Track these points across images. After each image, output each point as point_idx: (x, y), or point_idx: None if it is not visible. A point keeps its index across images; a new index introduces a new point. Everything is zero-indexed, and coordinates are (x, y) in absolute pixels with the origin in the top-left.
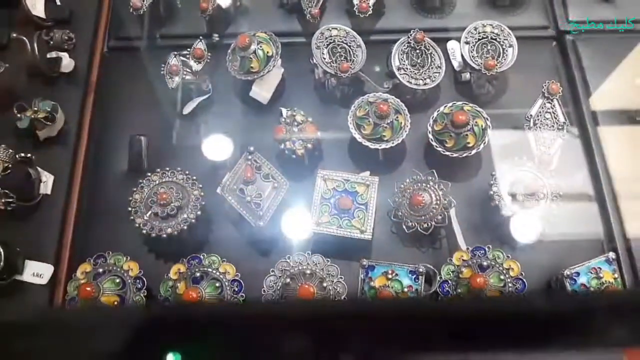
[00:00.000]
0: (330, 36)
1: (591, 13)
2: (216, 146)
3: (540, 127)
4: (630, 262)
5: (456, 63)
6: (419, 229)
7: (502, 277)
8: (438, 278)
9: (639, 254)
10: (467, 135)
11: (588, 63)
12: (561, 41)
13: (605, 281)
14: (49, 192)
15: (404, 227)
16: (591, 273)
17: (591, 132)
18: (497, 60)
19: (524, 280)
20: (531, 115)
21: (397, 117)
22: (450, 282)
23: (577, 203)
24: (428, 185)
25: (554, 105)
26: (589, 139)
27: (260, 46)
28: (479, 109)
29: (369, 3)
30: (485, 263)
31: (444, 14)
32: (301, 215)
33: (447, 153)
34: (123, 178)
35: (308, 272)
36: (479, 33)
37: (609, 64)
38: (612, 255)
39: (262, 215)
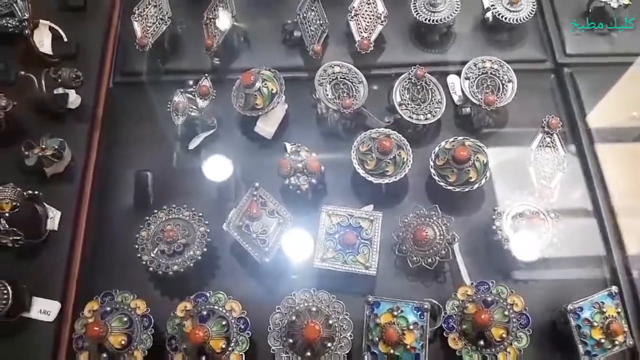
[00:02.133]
0: (333, 73)
1: (588, 46)
2: (217, 167)
3: (540, 161)
4: (632, 295)
5: (456, 97)
6: (423, 263)
7: (506, 312)
8: (443, 313)
9: None
10: (469, 170)
11: (586, 95)
12: (559, 74)
13: (609, 315)
14: (55, 228)
15: (408, 261)
16: (594, 308)
17: (590, 164)
18: (496, 95)
19: (528, 315)
20: (532, 149)
21: (399, 152)
22: (455, 317)
23: (578, 236)
24: (432, 220)
25: (553, 140)
26: (589, 172)
27: (265, 84)
28: (480, 144)
29: (370, 40)
30: (489, 298)
31: (443, 49)
32: (306, 250)
33: (450, 188)
34: (129, 214)
35: (314, 309)
36: (479, 69)
37: (606, 96)
38: (614, 289)
39: (267, 251)
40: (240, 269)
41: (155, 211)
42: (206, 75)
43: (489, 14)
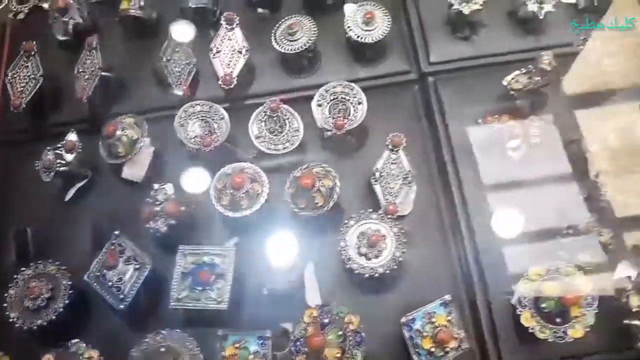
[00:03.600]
0: (194, 112)
1: (451, 52)
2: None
3: (386, 178)
4: (470, 302)
5: (318, 122)
6: (275, 290)
7: (340, 332)
8: (291, 337)
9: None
10: (314, 196)
11: (448, 103)
12: (423, 83)
13: (439, 324)
14: None
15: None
16: (425, 318)
17: (451, 174)
18: (347, 118)
19: (362, 334)
20: (377, 168)
21: (252, 185)
22: (301, 339)
23: (426, 248)
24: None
25: (399, 156)
26: (448, 181)
27: (125, 132)
28: (328, 169)
29: (232, 75)
30: (326, 320)
31: (311, 73)
32: (164, 292)
33: (302, 213)
34: (11, 270)
35: (162, 349)
36: (330, 94)
37: (469, 101)
38: (448, 297)
39: (122, 298)
40: (104, 316)
41: (23, 269)
42: (72, 129)
43: (349, 35)
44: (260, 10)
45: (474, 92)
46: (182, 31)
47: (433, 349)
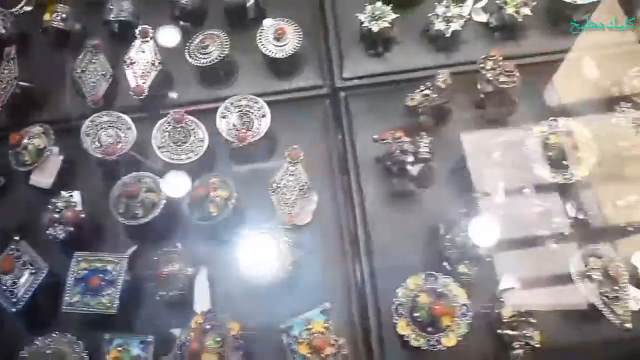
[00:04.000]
0: (102, 122)
1: (365, 68)
2: None
3: (283, 189)
4: (361, 307)
5: (223, 133)
6: (168, 296)
7: (218, 338)
8: (177, 342)
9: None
10: (209, 206)
11: (358, 118)
12: (335, 98)
13: (315, 331)
14: None
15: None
16: (304, 325)
17: (354, 188)
18: (250, 131)
19: (240, 339)
20: (275, 180)
21: (148, 195)
22: (186, 344)
23: (323, 258)
24: (175, 256)
25: (297, 168)
26: (350, 194)
27: (32, 140)
28: (226, 180)
29: (143, 86)
30: (208, 326)
31: (227, 86)
32: (57, 296)
33: (199, 222)
34: None
35: (49, 351)
36: (235, 107)
37: (378, 117)
38: (327, 305)
39: (16, 301)
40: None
41: None
42: None
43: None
44: (182, 23)
45: (383, 108)
46: (167, 36)
47: (309, 355)
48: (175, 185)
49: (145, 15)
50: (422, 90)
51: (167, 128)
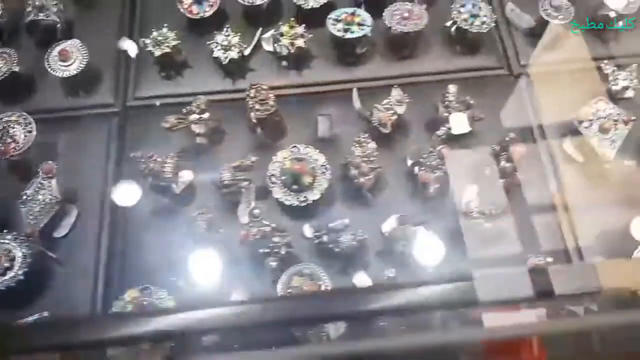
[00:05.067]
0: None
1: (158, 89)
2: None
3: (33, 202)
4: None
5: None
6: None
7: None
8: None
9: None
10: None
11: (141, 137)
12: (124, 116)
13: None
14: None
15: None
16: None
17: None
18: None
19: None
20: (26, 192)
21: None
22: None
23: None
24: None
25: (50, 183)
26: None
27: None
28: None
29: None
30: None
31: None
32: None
33: None
34: None
35: None
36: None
37: (158, 137)
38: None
39: None
40: None
41: None
42: None
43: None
44: None
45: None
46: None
47: None
48: (125, 195)
49: None
50: (180, 114)
51: None
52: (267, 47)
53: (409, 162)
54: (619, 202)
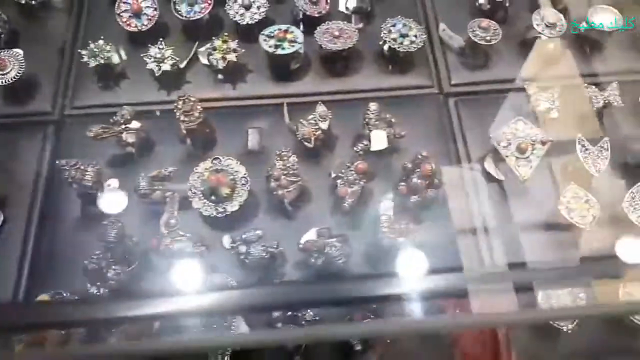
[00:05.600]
0: None
1: (98, 98)
2: None
3: None
4: None
5: None
6: None
7: None
8: None
9: None
10: None
11: (78, 145)
12: (60, 125)
13: None
14: None
15: None
16: None
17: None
18: None
19: None
20: None
21: None
22: None
23: None
24: None
25: None
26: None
27: None
28: None
29: None
30: None
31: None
32: None
33: None
34: None
35: None
36: None
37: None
38: None
39: None
40: None
41: None
42: None
43: None
44: None
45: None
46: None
47: None
48: (112, 202)
49: None
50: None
51: None
52: (203, 60)
53: (332, 176)
54: (535, 218)
